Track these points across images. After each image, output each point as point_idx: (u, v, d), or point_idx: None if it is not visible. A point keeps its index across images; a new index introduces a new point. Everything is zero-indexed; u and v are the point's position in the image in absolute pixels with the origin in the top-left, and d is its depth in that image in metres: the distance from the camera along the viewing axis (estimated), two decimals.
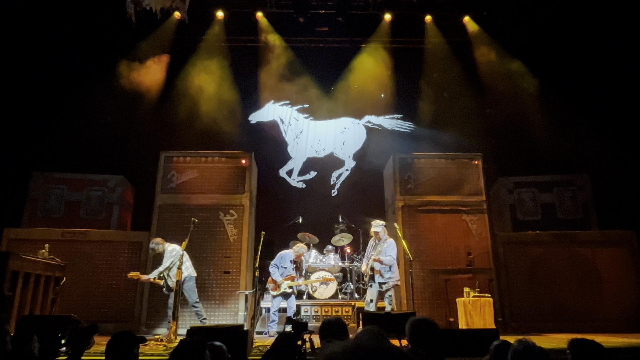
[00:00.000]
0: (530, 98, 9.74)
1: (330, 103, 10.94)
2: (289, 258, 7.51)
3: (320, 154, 10.94)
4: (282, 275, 7.39)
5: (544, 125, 9.32)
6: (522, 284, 8.34)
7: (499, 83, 9.97)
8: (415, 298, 7.87)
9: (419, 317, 3.18)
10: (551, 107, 9.43)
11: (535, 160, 9.42)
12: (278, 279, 7.33)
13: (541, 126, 9.33)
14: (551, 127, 9.23)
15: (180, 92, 10.09)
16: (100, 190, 9.09)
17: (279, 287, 7.30)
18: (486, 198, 8.65)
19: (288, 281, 7.32)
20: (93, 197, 9.04)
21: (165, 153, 8.65)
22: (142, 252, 8.18)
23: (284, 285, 7.27)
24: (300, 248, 7.49)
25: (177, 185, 8.47)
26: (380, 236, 6.93)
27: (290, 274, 7.42)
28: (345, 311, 7.96)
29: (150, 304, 7.87)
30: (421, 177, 8.72)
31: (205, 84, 10.09)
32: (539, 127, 9.35)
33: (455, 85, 10.27)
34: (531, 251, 8.51)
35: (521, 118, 9.46)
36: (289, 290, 7.30)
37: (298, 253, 7.46)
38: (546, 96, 9.62)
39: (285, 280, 7.31)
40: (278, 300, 7.35)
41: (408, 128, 10.78)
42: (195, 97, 9.99)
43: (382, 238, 6.93)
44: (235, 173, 8.60)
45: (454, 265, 8.25)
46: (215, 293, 8.02)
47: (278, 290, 7.29)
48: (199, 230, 7.99)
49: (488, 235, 8.41)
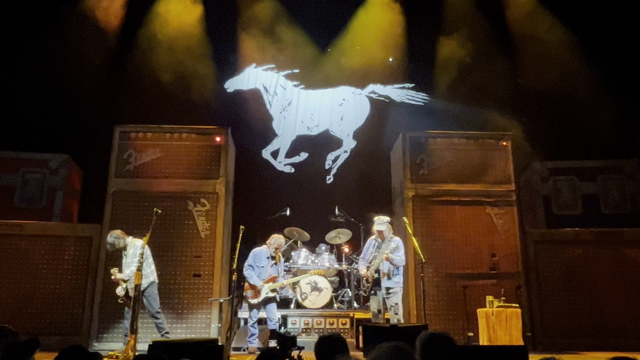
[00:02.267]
0: (571, 65, 9.74)
1: (325, 68, 10.87)
2: (264, 255, 7.50)
3: (313, 131, 10.92)
4: (260, 276, 7.40)
5: (587, 100, 9.33)
6: (557, 291, 8.41)
7: (535, 46, 9.95)
8: (428, 308, 7.83)
9: (432, 332, 3.21)
10: (597, 77, 9.43)
11: (576, 142, 9.47)
12: (257, 282, 7.34)
13: (584, 100, 9.34)
14: (597, 102, 9.24)
15: (140, 51, 9.95)
16: (40, 173, 8.99)
17: (259, 293, 7.32)
18: (516, 187, 8.67)
19: (270, 283, 7.33)
20: (30, 181, 8.94)
21: (120, 127, 8.56)
22: (92, 250, 8.13)
23: (264, 289, 7.28)
24: (276, 239, 7.47)
25: (136, 168, 8.41)
26: (385, 235, 6.97)
27: (270, 274, 7.42)
28: (341, 323, 8.02)
29: (102, 313, 7.86)
30: (437, 161, 8.71)
31: (171, 41, 9.97)
32: (581, 101, 9.36)
33: (481, 48, 10.24)
34: (568, 252, 8.56)
35: (560, 90, 9.48)
36: (272, 295, 7.32)
37: (275, 245, 7.44)
38: (591, 63, 9.61)
39: (266, 283, 7.33)
40: (255, 311, 7.38)
41: (421, 100, 10.77)
42: (159, 59, 9.86)
43: (386, 237, 6.97)
44: (208, 153, 8.55)
45: (475, 268, 8.29)
46: (182, 301, 8.01)
47: (259, 297, 7.32)
48: (163, 223, 7.93)
49: (517, 233, 8.44)
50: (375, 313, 6.93)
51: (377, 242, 7.05)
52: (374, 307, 6.95)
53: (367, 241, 7.30)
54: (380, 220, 6.99)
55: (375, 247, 7.05)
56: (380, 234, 6.99)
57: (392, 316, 6.85)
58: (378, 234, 7.01)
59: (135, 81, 9.77)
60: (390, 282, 6.84)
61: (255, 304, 7.34)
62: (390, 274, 6.82)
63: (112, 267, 7.12)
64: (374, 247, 7.08)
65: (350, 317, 8.07)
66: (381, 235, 6.98)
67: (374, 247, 7.07)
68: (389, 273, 6.83)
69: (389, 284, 6.84)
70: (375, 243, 7.09)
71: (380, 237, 7.00)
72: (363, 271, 7.06)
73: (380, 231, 6.96)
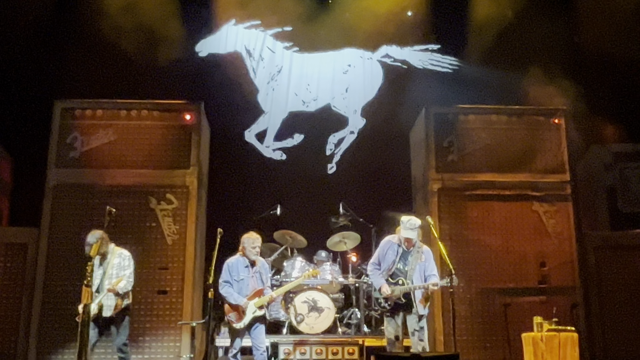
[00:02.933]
0: None
1: (326, 25, 10.79)
2: (242, 264, 7.39)
3: (310, 106, 10.87)
4: (241, 293, 7.31)
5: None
6: (624, 310, 8.41)
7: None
8: (459, 332, 7.81)
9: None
10: None
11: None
12: (240, 300, 7.24)
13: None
14: None
15: (87, 4, 9.86)
16: None
17: (244, 313, 7.25)
18: (572, 177, 8.68)
19: (255, 299, 7.23)
20: None
21: (62, 103, 8.53)
22: (27, 260, 8.10)
23: (250, 307, 7.19)
24: (248, 239, 7.34)
25: (83, 155, 8.40)
26: (414, 243, 6.90)
27: (254, 287, 7.33)
28: (348, 353, 8.01)
29: (42, 341, 7.84)
30: (469, 144, 8.73)
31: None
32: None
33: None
34: (639, 260, 8.55)
35: (628, 53, 9.43)
36: (260, 313, 7.24)
37: (250, 246, 7.30)
38: None
39: (250, 300, 7.24)
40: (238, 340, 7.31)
41: (449, 66, 10.71)
42: (112, 14, 9.75)
43: (415, 246, 6.91)
44: (175, 136, 8.56)
45: (519, 282, 8.31)
46: (143, 325, 8.01)
47: (244, 319, 7.25)
48: (118, 226, 7.85)
49: (573, 236, 8.47)
50: (392, 340, 6.84)
51: (402, 250, 6.92)
52: (391, 332, 6.85)
53: (384, 242, 7.06)
54: (410, 224, 6.79)
55: (399, 256, 6.91)
56: (408, 242, 6.87)
57: (415, 343, 6.77)
58: (406, 242, 6.88)
59: (81, 43, 9.70)
60: (425, 309, 6.78)
61: (241, 328, 7.25)
62: (425, 300, 6.76)
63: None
64: (397, 255, 6.92)
65: (360, 344, 8.05)
66: (409, 243, 6.87)
67: (398, 255, 6.91)
68: (425, 300, 6.75)
69: (424, 311, 6.78)
70: (399, 250, 6.93)
71: (407, 245, 6.88)
72: (384, 287, 6.86)
73: (409, 239, 6.84)
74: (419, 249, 6.85)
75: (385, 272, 6.89)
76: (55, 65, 9.48)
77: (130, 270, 6.89)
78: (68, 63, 9.49)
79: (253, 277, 7.31)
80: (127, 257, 6.95)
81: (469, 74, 10.37)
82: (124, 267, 6.88)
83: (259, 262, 7.40)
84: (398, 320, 6.80)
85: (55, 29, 9.90)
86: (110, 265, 6.89)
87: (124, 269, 6.87)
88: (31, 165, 9.00)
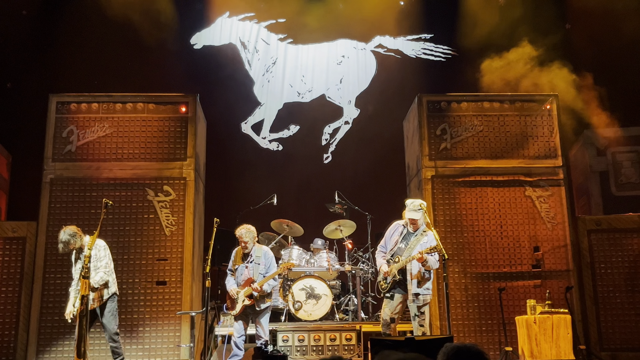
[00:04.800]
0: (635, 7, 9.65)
1: (319, 17, 10.78)
2: (239, 254, 7.48)
3: (305, 97, 10.88)
4: (238, 281, 7.34)
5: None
6: (618, 293, 8.38)
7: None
8: (453, 316, 7.87)
9: (458, 344, 3.15)
10: None
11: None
12: (231, 289, 7.31)
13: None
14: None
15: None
16: None
17: (236, 302, 7.28)
18: (564, 162, 8.65)
19: (246, 288, 7.24)
20: None
21: (58, 97, 8.47)
22: (26, 254, 8.07)
23: (240, 296, 7.22)
24: (238, 230, 7.38)
25: (79, 148, 8.35)
26: (419, 225, 6.91)
27: (246, 276, 7.34)
28: (345, 338, 7.98)
29: (42, 334, 7.81)
30: (462, 132, 8.69)
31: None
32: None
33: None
34: (632, 243, 8.53)
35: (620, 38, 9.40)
36: (248, 302, 7.25)
37: (242, 240, 7.33)
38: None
39: (242, 289, 7.25)
40: (240, 324, 7.34)
41: (442, 55, 10.69)
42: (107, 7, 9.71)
43: (420, 227, 6.91)
44: (172, 128, 8.51)
45: (513, 266, 8.29)
46: (143, 315, 7.98)
47: (235, 308, 7.28)
48: (116, 218, 7.90)
49: (566, 220, 8.44)
50: (387, 322, 6.86)
51: (406, 231, 6.94)
52: (387, 313, 6.87)
53: (392, 226, 7.12)
54: (414, 206, 6.86)
55: (403, 237, 6.93)
56: (413, 223, 6.88)
57: (415, 328, 6.80)
58: (410, 223, 6.90)
59: (76, 37, 9.69)
60: (421, 288, 6.75)
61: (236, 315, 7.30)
62: (421, 276, 6.73)
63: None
64: (400, 235, 6.95)
65: (357, 330, 8.03)
66: (415, 224, 6.88)
67: (401, 235, 6.94)
68: (420, 276, 6.73)
69: (420, 290, 6.75)
70: (403, 231, 6.96)
71: (413, 226, 6.90)
72: (384, 266, 6.93)
73: (415, 220, 6.85)
74: (424, 232, 6.86)
75: (389, 253, 6.94)
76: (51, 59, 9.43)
77: (106, 260, 6.80)
78: (63, 57, 9.47)
79: (247, 267, 7.34)
80: (102, 248, 6.86)
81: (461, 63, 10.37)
82: (99, 257, 6.81)
83: (257, 252, 7.41)
84: (395, 301, 6.82)
85: (52, 21, 9.85)
86: (88, 257, 6.79)
87: (100, 260, 6.80)
88: (28, 160, 9.01)
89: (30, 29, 9.60)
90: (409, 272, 6.73)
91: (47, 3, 9.90)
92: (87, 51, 9.61)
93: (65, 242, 6.81)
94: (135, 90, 8.78)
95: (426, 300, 6.79)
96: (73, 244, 6.84)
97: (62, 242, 6.82)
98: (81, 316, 6.38)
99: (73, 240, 6.84)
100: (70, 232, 6.85)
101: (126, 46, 9.72)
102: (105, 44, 9.63)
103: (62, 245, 6.84)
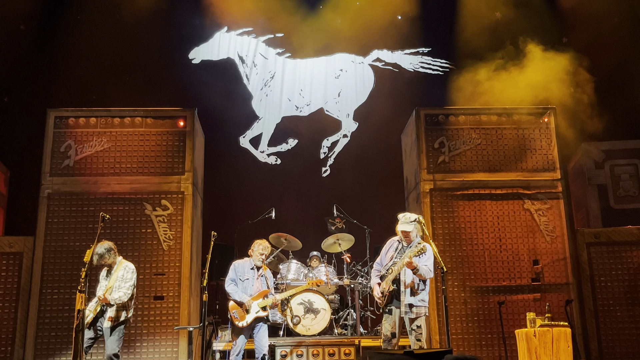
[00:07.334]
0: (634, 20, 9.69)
1: (317, 31, 10.82)
2: (247, 266, 7.46)
3: (304, 111, 10.90)
4: (246, 292, 7.32)
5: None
6: (618, 306, 8.37)
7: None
8: (452, 330, 7.84)
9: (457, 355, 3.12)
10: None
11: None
12: (244, 298, 7.25)
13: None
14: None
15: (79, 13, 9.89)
16: None
17: (248, 312, 7.25)
18: (563, 175, 8.65)
19: (259, 300, 7.24)
20: None
21: (56, 112, 8.49)
22: (22, 269, 8.05)
23: (253, 307, 7.20)
24: (259, 244, 7.42)
25: (77, 163, 8.36)
26: (412, 238, 6.86)
27: (259, 288, 7.33)
28: (344, 353, 7.96)
29: (38, 351, 7.77)
30: (460, 145, 8.71)
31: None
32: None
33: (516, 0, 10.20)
34: (631, 256, 8.53)
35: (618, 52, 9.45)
36: (263, 314, 7.24)
37: (259, 251, 7.37)
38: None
39: (254, 300, 7.24)
40: (242, 337, 7.31)
41: (440, 68, 10.73)
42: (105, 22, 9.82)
43: (413, 240, 6.87)
44: (170, 142, 8.52)
45: (512, 279, 8.28)
46: (141, 330, 7.96)
47: (246, 317, 7.23)
48: (113, 232, 7.89)
49: (565, 233, 8.44)
50: (389, 337, 6.77)
51: (401, 246, 6.89)
52: (387, 328, 6.78)
53: (388, 242, 7.05)
54: (406, 218, 6.81)
55: (398, 252, 6.87)
56: (406, 236, 6.83)
57: (413, 342, 6.73)
58: (403, 236, 6.85)
59: (73, 52, 9.70)
60: (415, 298, 6.63)
61: (244, 327, 7.24)
62: (415, 286, 6.65)
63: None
64: (395, 250, 6.88)
65: (356, 345, 8.00)
66: (407, 237, 6.83)
67: (396, 251, 6.88)
68: (414, 285, 6.65)
69: (413, 300, 6.65)
70: (398, 246, 6.89)
71: (405, 239, 6.86)
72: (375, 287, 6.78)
73: (407, 232, 6.78)
74: (419, 245, 6.79)
75: (384, 267, 6.88)
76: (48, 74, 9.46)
77: (131, 283, 6.88)
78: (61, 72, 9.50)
79: (258, 279, 7.40)
80: (130, 270, 6.96)
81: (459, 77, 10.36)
82: (125, 279, 6.89)
83: (265, 268, 7.51)
84: (394, 315, 6.74)
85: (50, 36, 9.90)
86: (115, 277, 6.92)
87: (126, 281, 6.88)
88: (25, 175, 9.01)
89: (28, 44, 9.64)
90: (402, 282, 6.65)
91: (45, 18, 9.95)
92: (85, 66, 9.63)
93: (100, 255, 6.88)
94: (134, 105, 8.78)
95: (420, 312, 6.66)
96: (107, 258, 6.91)
97: (98, 254, 6.88)
98: (77, 331, 6.35)
99: (108, 254, 6.91)
100: (106, 247, 6.93)
101: (124, 61, 9.74)
102: (103, 59, 9.67)
103: (97, 257, 6.91)
